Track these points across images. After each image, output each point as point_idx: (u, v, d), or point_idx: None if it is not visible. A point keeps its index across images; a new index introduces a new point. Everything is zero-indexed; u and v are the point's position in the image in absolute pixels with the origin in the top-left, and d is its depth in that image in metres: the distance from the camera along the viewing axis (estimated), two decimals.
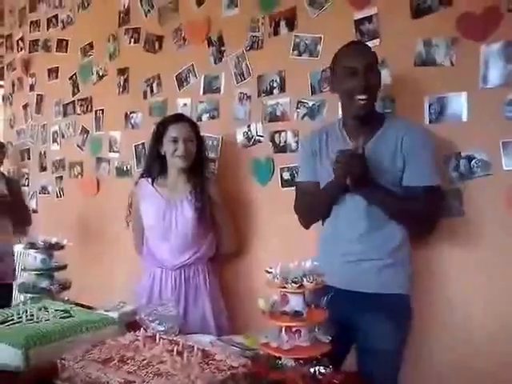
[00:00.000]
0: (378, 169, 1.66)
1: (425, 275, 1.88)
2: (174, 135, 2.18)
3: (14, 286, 2.75)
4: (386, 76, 1.90)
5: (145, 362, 1.26)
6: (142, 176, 2.35)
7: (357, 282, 1.72)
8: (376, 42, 2.00)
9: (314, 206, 1.88)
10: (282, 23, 2.32)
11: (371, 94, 1.70)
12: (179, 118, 2.29)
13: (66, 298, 2.11)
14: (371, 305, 1.69)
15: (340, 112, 2.08)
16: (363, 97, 1.67)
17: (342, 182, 1.65)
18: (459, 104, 1.81)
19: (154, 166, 2.28)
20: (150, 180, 2.29)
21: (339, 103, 2.09)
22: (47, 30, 3.70)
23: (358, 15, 2.07)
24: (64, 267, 2.24)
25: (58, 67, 3.59)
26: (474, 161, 1.78)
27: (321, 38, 2.18)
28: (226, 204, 2.34)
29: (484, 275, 1.78)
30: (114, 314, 1.69)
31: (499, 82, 1.74)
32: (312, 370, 1.25)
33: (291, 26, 2.28)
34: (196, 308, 2.20)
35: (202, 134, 2.32)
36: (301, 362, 1.26)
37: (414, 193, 1.67)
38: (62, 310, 1.63)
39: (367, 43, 1.94)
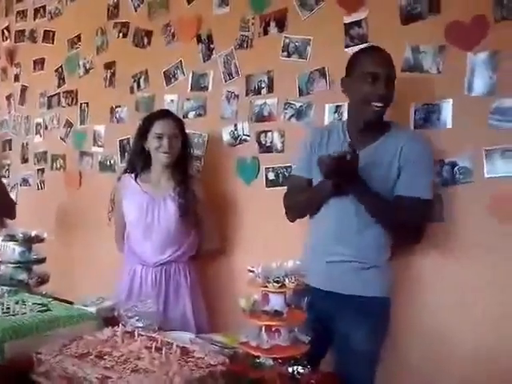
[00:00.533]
0: (374, 175, 1.66)
1: (405, 279, 1.90)
2: (158, 131, 2.17)
3: None
4: None
5: (122, 357, 1.24)
6: (125, 171, 2.33)
7: (338, 283, 1.73)
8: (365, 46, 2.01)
9: (301, 202, 1.88)
10: (272, 24, 2.32)
11: (387, 102, 1.69)
12: (165, 114, 2.27)
13: (44, 292, 2.08)
14: (351, 307, 1.70)
15: (326, 115, 2.11)
16: (380, 104, 1.66)
17: (328, 185, 1.66)
18: (445, 111, 1.84)
19: (138, 161, 2.27)
20: (133, 176, 2.27)
21: (326, 105, 2.12)
22: (34, 20, 3.64)
23: (348, 19, 2.08)
24: (43, 260, 2.20)
25: (43, 58, 3.53)
26: (456, 167, 1.80)
27: (310, 39, 2.19)
28: (210, 202, 2.33)
29: (462, 281, 1.80)
30: (93, 309, 1.67)
31: (484, 91, 1.76)
32: (290, 369, 1.25)
33: (281, 26, 2.29)
34: (176, 305, 2.19)
35: (187, 131, 2.30)
36: (280, 361, 1.26)
37: (404, 203, 1.66)
38: (39, 304, 1.61)
39: (356, 47, 1.96)
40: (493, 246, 1.74)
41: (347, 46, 2.08)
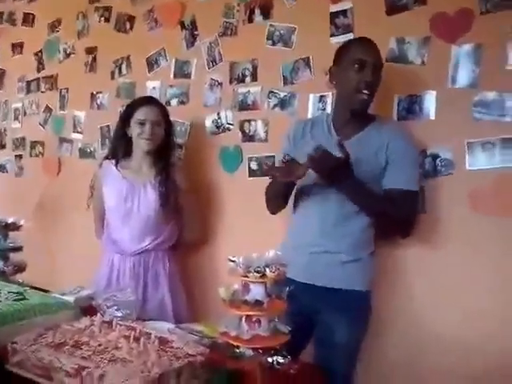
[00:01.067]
0: (358, 165, 1.64)
1: (387, 271, 1.90)
2: (141, 117, 2.14)
3: None
4: None
5: (100, 347, 1.22)
6: (106, 157, 2.29)
7: (319, 275, 1.72)
8: (350, 35, 1.99)
9: (271, 193, 1.88)
10: (257, 11, 2.29)
11: (373, 91, 1.70)
12: (149, 100, 2.24)
13: (21, 281, 2.04)
14: (332, 299, 1.70)
15: (310, 105, 2.10)
16: (367, 92, 1.67)
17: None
18: (428, 102, 1.84)
19: (120, 147, 2.23)
20: (113, 162, 2.24)
21: (310, 95, 2.10)
22: (13, 2, 3.54)
23: (334, 8, 2.06)
24: (20, 248, 2.16)
25: (22, 42, 3.45)
26: (438, 159, 1.81)
27: (295, 28, 2.17)
28: (193, 191, 2.31)
29: (445, 273, 1.81)
30: (70, 298, 1.65)
31: (467, 83, 1.77)
32: (270, 359, 1.25)
33: (266, 14, 2.26)
34: (155, 295, 2.17)
35: (171, 118, 2.27)
36: (259, 351, 1.25)
37: (393, 195, 1.67)
38: (15, 293, 1.57)
39: (341, 37, 1.95)
40: (473, 237, 1.75)
41: (332, 35, 2.06)
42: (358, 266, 1.73)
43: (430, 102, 1.83)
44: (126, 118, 2.19)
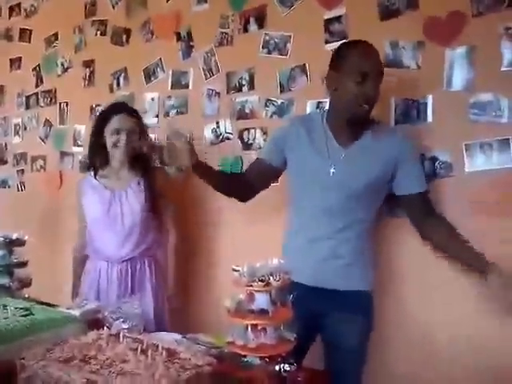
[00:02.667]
0: (358, 170, 1.67)
1: (387, 273, 1.91)
2: (116, 126, 2.13)
3: None
4: None
5: (108, 361, 1.23)
6: (84, 169, 2.32)
7: (324, 279, 1.73)
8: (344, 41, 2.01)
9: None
10: (252, 20, 2.31)
11: (374, 103, 1.65)
12: (121, 108, 2.21)
13: (27, 296, 2.05)
14: (338, 302, 1.71)
15: (307, 111, 2.11)
16: (367, 106, 1.63)
17: None
18: (424, 106, 1.85)
19: (96, 157, 2.24)
20: (91, 173, 2.26)
21: (307, 101, 2.12)
22: (9, 18, 3.57)
23: (328, 15, 2.08)
24: (25, 264, 2.17)
25: (20, 57, 3.48)
26: (437, 162, 1.82)
27: (290, 36, 2.19)
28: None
29: (443, 276, 1.82)
30: (76, 312, 1.66)
31: (463, 86, 1.78)
32: (277, 367, 1.26)
33: (261, 23, 2.28)
34: (141, 302, 2.16)
35: (144, 122, 2.26)
36: (266, 359, 1.26)
37: (412, 200, 1.72)
38: (21, 308, 1.58)
39: (335, 43, 1.96)
40: (474, 239, 1.75)
41: (327, 42, 2.08)
42: (363, 267, 1.75)
43: (427, 105, 1.85)
44: (100, 128, 2.18)
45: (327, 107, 1.85)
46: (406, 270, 1.91)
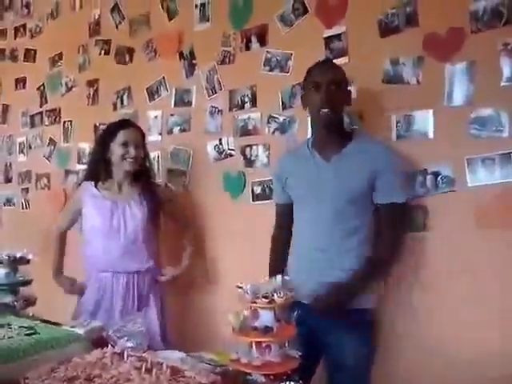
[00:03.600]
0: (341, 183, 1.73)
1: (393, 289, 1.90)
2: (124, 139, 2.20)
3: None
4: (353, 92, 1.94)
5: (112, 380, 1.22)
6: (85, 179, 2.34)
7: None
8: (345, 59, 2.04)
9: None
10: (254, 38, 2.34)
11: (334, 107, 1.75)
12: (128, 123, 2.31)
13: (31, 314, 2.05)
14: (339, 320, 1.70)
15: (309, 128, 2.12)
16: (325, 110, 1.74)
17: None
18: (425, 121, 1.86)
19: (100, 170, 2.28)
20: (92, 183, 2.29)
21: (309, 118, 2.13)
22: (14, 39, 3.63)
23: (328, 33, 2.11)
24: (29, 282, 2.17)
25: (25, 77, 3.53)
26: (439, 177, 1.82)
27: (292, 54, 2.21)
28: (198, 217, 2.34)
29: (449, 290, 1.81)
30: (81, 331, 1.65)
31: (463, 101, 1.79)
32: None
33: (262, 41, 2.31)
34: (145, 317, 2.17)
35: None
36: (271, 377, 1.26)
37: (385, 209, 1.75)
38: (26, 327, 1.58)
39: (336, 60, 1.99)
40: (477, 253, 1.75)
41: None
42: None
43: (428, 120, 1.85)
44: (106, 142, 2.24)
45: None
46: (410, 285, 1.90)
